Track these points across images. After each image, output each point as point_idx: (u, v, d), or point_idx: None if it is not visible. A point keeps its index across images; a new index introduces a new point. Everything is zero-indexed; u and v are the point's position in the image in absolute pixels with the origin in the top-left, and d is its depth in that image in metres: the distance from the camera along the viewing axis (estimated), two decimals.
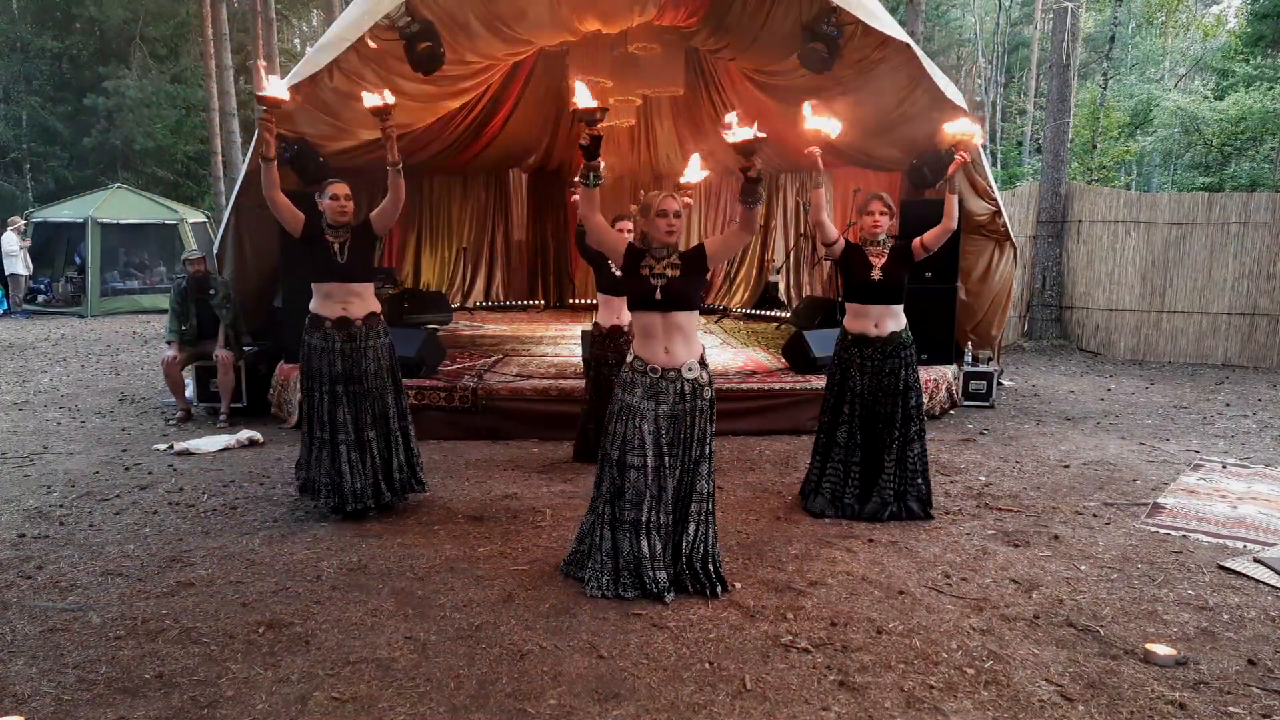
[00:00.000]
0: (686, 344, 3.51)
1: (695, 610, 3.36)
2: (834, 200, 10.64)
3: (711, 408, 3.57)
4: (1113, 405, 7.61)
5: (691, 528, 3.53)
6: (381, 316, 4.46)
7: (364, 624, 3.22)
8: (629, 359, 3.57)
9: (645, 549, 3.47)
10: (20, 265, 13.72)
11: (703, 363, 3.56)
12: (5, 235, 13.66)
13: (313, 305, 4.36)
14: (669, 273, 3.47)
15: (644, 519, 3.47)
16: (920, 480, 4.50)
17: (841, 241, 4.55)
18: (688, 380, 3.48)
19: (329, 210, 4.28)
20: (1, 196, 20.53)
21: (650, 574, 3.46)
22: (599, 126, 3.35)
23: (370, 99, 4.16)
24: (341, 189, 4.31)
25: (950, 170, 4.47)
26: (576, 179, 3.57)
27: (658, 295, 3.45)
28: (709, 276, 3.62)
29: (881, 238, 4.51)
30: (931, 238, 4.44)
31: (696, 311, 3.59)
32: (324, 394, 4.31)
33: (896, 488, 4.46)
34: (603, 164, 3.44)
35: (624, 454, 3.46)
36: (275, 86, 4.07)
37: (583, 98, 3.26)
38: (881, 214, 4.49)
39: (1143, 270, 10.26)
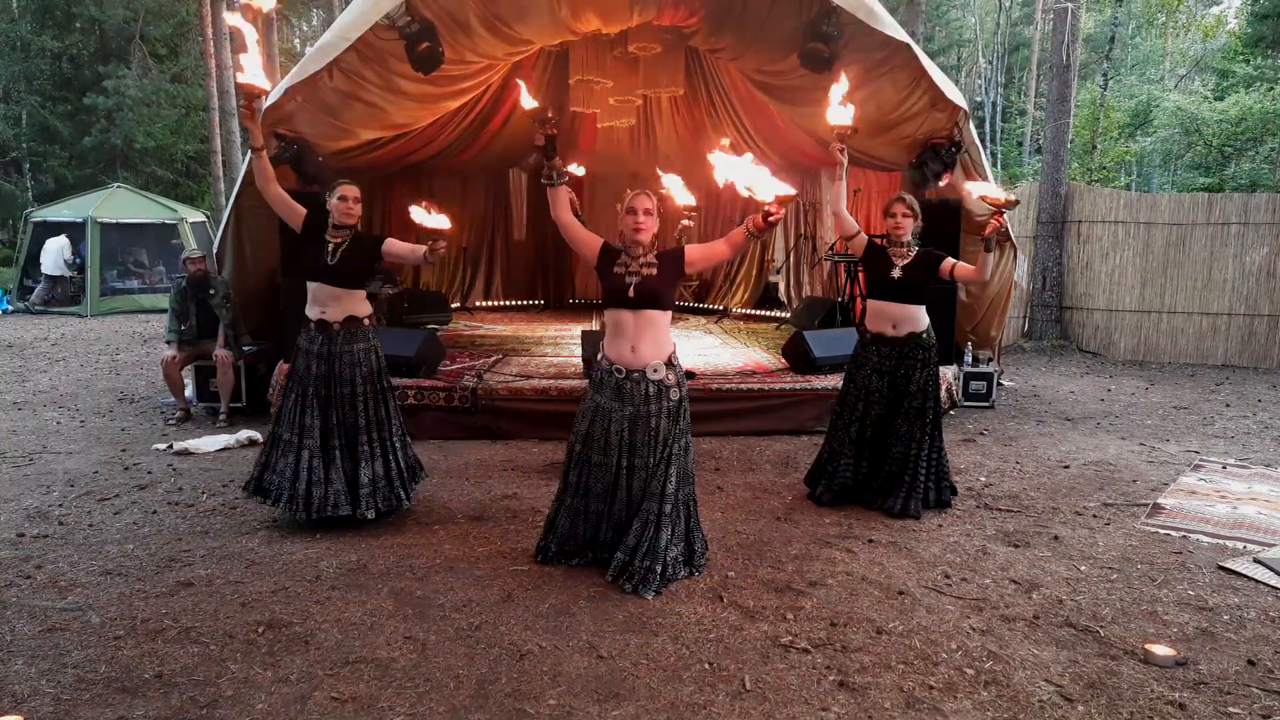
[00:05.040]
0: (655, 344, 3.57)
1: (695, 610, 3.36)
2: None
3: (679, 409, 3.62)
4: (1113, 406, 7.61)
5: (636, 525, 3.58)
6: (366, 321, 4.26)
7: (364, 624, 3.22)
8: (598, 358, 3.66)
9: (600, 535, 3.70)
10: (62, 268, 13.84)
11: (670, 363, 3.61)
12: (59, 239, 13.78)
13: (307, 307, 4.29)
14: (644, 271, 3.54)
15: (603, 510, 3.66)
16: (924, 481, 4.52)
17: (863, 236, 4.61)
18: (652, 382, 3.56)
19: (336, 210, 4.18)
20: (1, 196, 20.54)
21: (599, 550, 3.71)
22: (550, 125, 3.41)
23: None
24: (351, 191, 4.23)
25: (987, 231, 4.27)
26: (541, 179, 3.58)
27: (630, 293, 3.52)
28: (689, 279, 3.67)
29: (906, 239, 4.55)
30: (961, 274, 4.49)
31: (669, 312, 3.65)
32: (298, 396, 4.18)
33: (902, 485, 4.50)
34: (560, 162, 3.49)
35: (587, 451, 3.63)
36: (253, 73, 3.70)
37: (525, 99, 3.33)
38: (904, 216, 4.54)
39: (1143, 271, 10.25)
